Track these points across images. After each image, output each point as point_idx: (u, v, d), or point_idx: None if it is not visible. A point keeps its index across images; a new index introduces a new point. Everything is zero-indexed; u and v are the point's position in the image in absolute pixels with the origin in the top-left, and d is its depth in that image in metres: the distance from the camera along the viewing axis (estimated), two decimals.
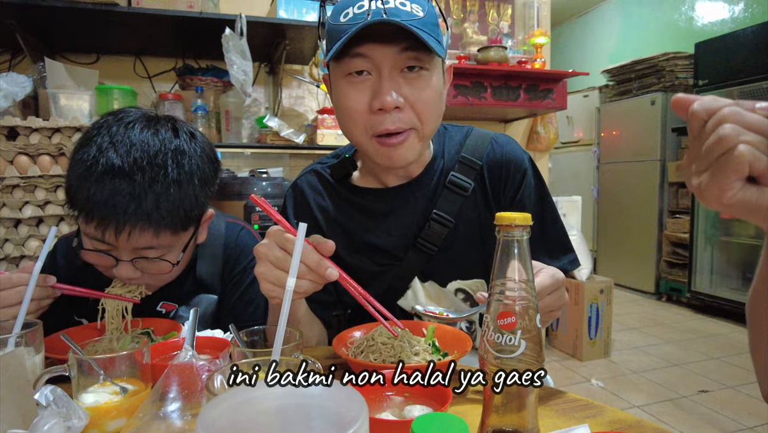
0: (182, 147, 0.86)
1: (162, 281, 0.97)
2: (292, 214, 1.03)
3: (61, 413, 0.52)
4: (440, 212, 0.96)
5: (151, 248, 0.85)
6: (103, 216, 0.79)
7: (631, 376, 2.84)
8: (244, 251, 1.08)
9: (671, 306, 4.27)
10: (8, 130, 1.73)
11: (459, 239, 0.97)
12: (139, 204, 0.79)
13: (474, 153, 0.99)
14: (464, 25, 3.17)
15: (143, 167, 0.80)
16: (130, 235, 0.81)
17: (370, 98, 0.84)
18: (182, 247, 0.91)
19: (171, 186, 0.83)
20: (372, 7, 0.80)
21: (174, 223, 0.84)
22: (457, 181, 0.97)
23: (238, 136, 2.35)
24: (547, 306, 0.72)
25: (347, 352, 0.77)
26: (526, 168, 0.99)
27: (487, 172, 0.98)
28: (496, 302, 0.51)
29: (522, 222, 0.50)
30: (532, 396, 0.51)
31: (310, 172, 1.07)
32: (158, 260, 0.88)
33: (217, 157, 0.97)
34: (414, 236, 0.97)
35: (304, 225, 0.65)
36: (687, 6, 4.80)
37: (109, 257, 0.86)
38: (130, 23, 2.00)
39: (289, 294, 0.61)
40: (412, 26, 0.78)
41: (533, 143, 3.39)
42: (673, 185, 4.39)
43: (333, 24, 0.85)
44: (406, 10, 0.81)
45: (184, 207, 0.85)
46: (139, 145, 0.82)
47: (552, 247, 0.99)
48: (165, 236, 0.85)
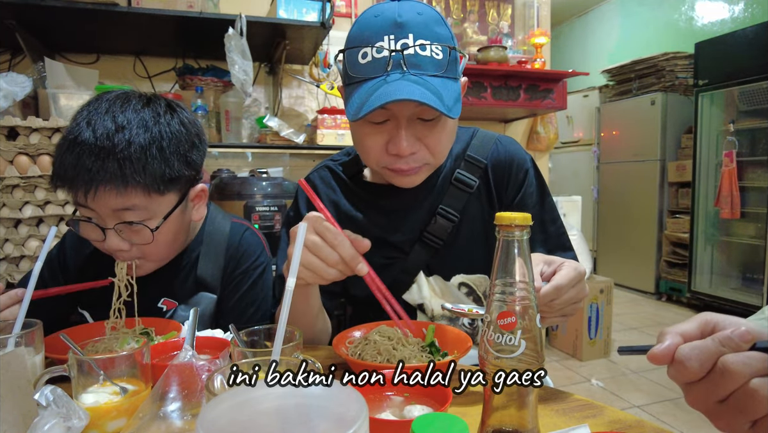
0: (150, 115, 0.90)
1: (155, 257, 0.96)
2: (304, 207, 1.05)
3: (61, 413, 0.52)
4: (446, 208, 1.00)
5: (127, 209, 0.87)
6: (73, 178, 0.85)
7: (631, 376, 2.84)
8: (247, 252, 1.08)
9: (671, 306, 4.27)
10: (8, 130, 1.73)
11: (463, 234, 1.01)
12: (102, 162, 0.84)
13: (479, 152, 1.03)
14: (464, 25, 3.17)
15: (109, 134, 0.86)
16: (97, 193, 0.84)
17: (387, 140, 0.87)
18: (163, 214, 0.92)
19: (132, 146, 0.86)
20: (392, 53, 0.79)
21: (143, 181, 0.86)
22: (462, 178, 1.01)
23: (238, 136, 2.35)
24: (571, 298, 0.73)
25: (347, 352, 0.77)
26: (528, 168, 1.03)
27: (491, 171, 1.02)
28: (496, 302, 0.51)
29: (522, 222, 0.50)
30: (532, 396, 0.51)
31: (323, 168, 1.09)
32: (140, 225, 0.89)
33: (200, 129, 1.00)
34: (420, 230, 1.01)
35: (304, 225, 0.65)
36: (687, 6, 4.80)
37: (98, 229, 0.89)
38: (130, 23, 2.00)
39: (289, 294, 0.61)
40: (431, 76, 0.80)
41: (533, 143, 3.39)
42: (673, 185, 4.39)
43: (351, 62, 0.84)
44: (426, 56, 0.81)
45: (152, 166, 0.87)
46: (109, 116, 0.88)
47: (551, 246, 1.02)
48: (137, 195, 0.87)
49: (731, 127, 3.72)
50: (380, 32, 0.81)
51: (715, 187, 3.84)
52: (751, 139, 3.69)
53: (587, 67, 5.32)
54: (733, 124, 3.72)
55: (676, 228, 4.29)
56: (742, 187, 3.69)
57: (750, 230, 3.74)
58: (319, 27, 2.15)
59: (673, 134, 4.38)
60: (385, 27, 0.81)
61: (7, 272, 1.73)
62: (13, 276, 1.73)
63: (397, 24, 0.81)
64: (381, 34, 0.81)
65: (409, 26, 0.81)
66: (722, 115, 3.87)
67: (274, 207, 2.03)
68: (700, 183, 4.02)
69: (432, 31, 0.82)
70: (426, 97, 0.77)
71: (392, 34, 0.80)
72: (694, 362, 0.43)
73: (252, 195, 2.02)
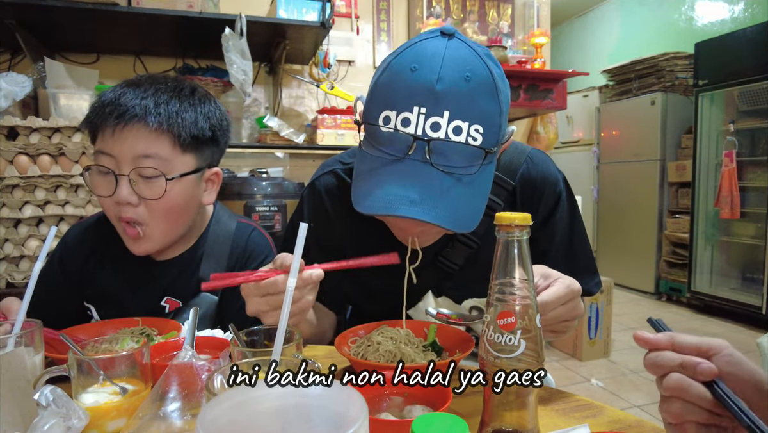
0: (189, 88, 0.97)
1: (158, 225, 0.94)
2: (309, 218, 0.98)
3: (61, 413, 0.52)
4: (466, 234, 0.90)
5: (148, 156, 0.89)
6: (108, 113, 0.88)
7: (631, 376, 2.84)
8: (253, 253, 1.07)
9: (671, 306, 4.27)
10: (8, 130, 1.73)
11: (482, 259, 0.92)
12: (140, 101, 0.89)
13: (507, 172, 0.92)
14: (464, 25, 3.17)
15: (152, 84, 0.93)
16: (125, 129, 0.88)
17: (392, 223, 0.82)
18: (179, 172, 0.93)
19: (171, 99, 0.92)
20: (419, 127, 0.67)
21: (173, 130, 0.90)
22: None
23: (238, 136, 2.36)
24: (560, 316, 0.69)
25: (349, 351, 0.78)
26: (560, 190, 0.94)
27: (520, 192, 0.93)
28: (496, 302, 0.51)
29: (522, 222, 0.50)
30: (532, 396, 0.51)
31: (329, 173, 0.98)
32: (155, 177, 0.90)
33: (228, 124, 1.04)
34: (435, 252, 0.92)
35: (305, 225, 0.65)
36: (687, 6, 4.80)
37: (111, 178, 0.90)
38: (130, 23, 2.00)
39: (289, 294, 0.61)
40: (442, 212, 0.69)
41: (533, 143, 3.39)
42: (673, 185, 4.39)
43: (370, 119, 0.73)
44: (458, 143, 0.68)
45: (184, 119, 0.92)
46: (147, 82, 0.94)
47: (578, 268, 0.94)
48: (161, 143, 0.90)
49: (731, 127, 3.72)
50: (411, 99, 0.68)
51: (715, 187, 3.84)
52: (751, 139, 3.69)
53: (587, 67, 5.32)
54: (733, 124, 3.72)
55: (676, 228, 4.29)
56: (742, 187, 3.69)
57: (750, 230, 3.74)
58: (319, 27, 2.15)
59: (673, 134, 4.38)
60: (417, 93, 0.68)
61: (7, 272, 1.73)
62: (13, 276, 1.73)
63: (433, 93, 0.67)
64: (411, 103, 0.68)
65: (447, 100, 0.67)
66: (722, 115, 3.87)
67: (274, 207, 2.03)
68: (700, 183, 4.02)
69: (476, 107, 0.69)
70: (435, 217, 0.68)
71: (424, 107, 0.67)
72: (650, 368, 0.49)
73: (252, 195, 2.03)
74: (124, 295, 1.03)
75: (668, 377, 0.47)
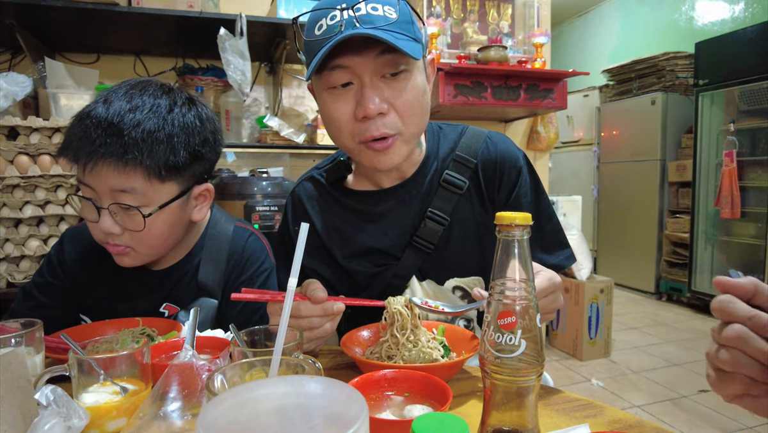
0: (167, 103, 0.90)
1: (146, 248, 0.94)
2: (291, 222, 1.05)
3: (62, 413, 0.52)
4: (435, 210, 0.97)
5: (124, 191, 0.86)
6: (77, 148, 0.85)
7: (631, 376, 2.84)
8: (251, 258, 1.07)
9: (671, 306, 4.27)
10: (8, 130, 1.73)
11: (455, 236, 0.98)
12: (107, 137, 0.84)
13: (468, 151, 1.00)
14: (464, 25, 3.17)
15: (121, 112, 0.86)
16: (96, 167, 0.85)
17: (354, 107, 0.85)
18: (160, 203, 0.90)
19: (141, 126, 0.86)
20: (344, 16, 0.80)
21: (144, 163, 0.85)
22: (451, 179, 0.98)
23: (239, 135, 2.35)
24: (541, 308, 0.72)
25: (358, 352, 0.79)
26: (521, 166, 1.00)
27: (482, 170, 0.99)
28: (496, 302, 0.51)
29: (522, 222, 0.50)
30: (532, 396, 0.51)
31: (307, 179, 1.08)
32: (134, 209, 0.87)
33: (217, 128, 1.00)
34: (410, 234, 0.98)
35: (306, 225, 0.65)
36: (687, 6, 4.80)
37: (93, 208, 0.89)
38: (131, 23, 2.00)
39: (290, 294, 0.61)
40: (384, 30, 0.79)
41: (533, 143, 3.38)
42: (673, 185, 4.39)
43: (309, 39, 0.85)
44: (378, 15, 0.81)
45: (157, 151, 0.87)
46: (126, 97, 0.88)
47: (547, 243, 1.01)
48: (136, 177, 0.86)
49: (731, 127, 3.72)
50: (333, 4, 0.82)
51: (716, 187, 3.84)
52: (752, 139, 3.69)
53: (587, 66, 5.32)
54: (733, 124, 3.72)
55: (677, 228, 4.29)
56: (743, 187, 3.69)
57: (750, 230, 3.74)
58: None
59: (674, 134, 4.38)
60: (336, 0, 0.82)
61: (8, 272, 1.73)
62: (14, 276, 1.73)
63: None
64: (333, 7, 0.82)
65: None
66: (722, 115, 3.87)
67: (274, 207, 2.03)
68: (700, 183, 4.02)
69: None
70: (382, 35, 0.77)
71: (343, 3, 0.81)
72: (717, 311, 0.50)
73: (252, 195, 2.02)
74: (123, 305, 1.03)
75: (730, 326, 0.48)
